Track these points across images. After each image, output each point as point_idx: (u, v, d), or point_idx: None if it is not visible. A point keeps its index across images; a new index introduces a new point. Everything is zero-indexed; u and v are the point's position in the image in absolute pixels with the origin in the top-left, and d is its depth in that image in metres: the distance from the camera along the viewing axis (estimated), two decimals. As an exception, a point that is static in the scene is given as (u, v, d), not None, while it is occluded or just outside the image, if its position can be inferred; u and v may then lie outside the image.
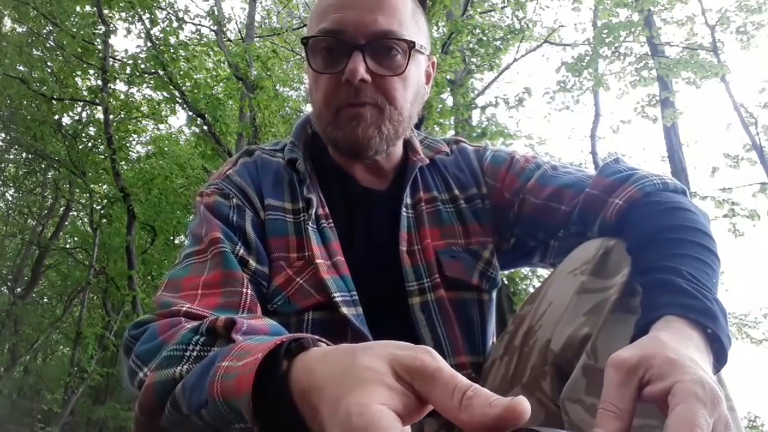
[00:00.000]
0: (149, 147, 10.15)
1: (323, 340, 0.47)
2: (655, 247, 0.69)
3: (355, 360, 0.39)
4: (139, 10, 6.50)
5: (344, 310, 0.78)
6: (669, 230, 0.71)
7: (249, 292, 0.73)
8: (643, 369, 0.49)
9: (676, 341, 0.53)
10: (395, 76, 0.82)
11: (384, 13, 0.81)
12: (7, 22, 7.93)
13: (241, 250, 0.78)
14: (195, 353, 0.54)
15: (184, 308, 0.65)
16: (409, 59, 0.82)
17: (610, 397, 0.48)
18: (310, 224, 0.84)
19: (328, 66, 0.82)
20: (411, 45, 0.82)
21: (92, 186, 9.21)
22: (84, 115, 9.25)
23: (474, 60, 7.15)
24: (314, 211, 0.85)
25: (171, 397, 0.52)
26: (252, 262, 0.78)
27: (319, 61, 0.83)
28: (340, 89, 0.81)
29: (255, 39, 8.30)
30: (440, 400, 0.36)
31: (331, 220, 0.86)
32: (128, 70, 6.83)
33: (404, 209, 0.90)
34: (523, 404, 0.34)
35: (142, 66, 6.68)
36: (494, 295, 0.93)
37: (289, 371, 0.43)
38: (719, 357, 0.58)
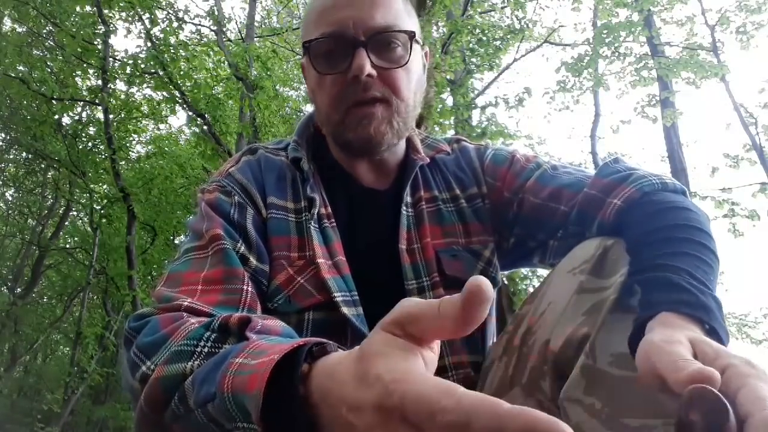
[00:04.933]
0: (149, 147, 10.16)
1: (342, 347, 0.47)
2: (653, 247, 0.69)
3: (359, 353, 0.39)
4: (139, 10, 6.51)
5: (345, 310, 0.78)
6: (667, 229, 0.71)
7: (249, 289, 0.73)
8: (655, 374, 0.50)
9: (668, 334, 0.54)
10: (399, 68, 0.83)
11: (380, 8, 0.82)
12: (7, 22, 7.94)
13: (242, 248, 0.78)
14: (206, 349, 0.54)
15: (186, 303, 0.65)
16: (410, 50, 0.84)
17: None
18: (312, 224, 0.84)
19: (332, 67, 0.82)
20: (411, 35, 0.84)
21: (92, 186, 9.20)
22: (84, 115, 9.26)
23: (474, 60, 7.14)
24: (317, 210, 0.85)
25: (179, 391, 0.52)
26: (253, 260, 0.78)
27: (322, 63, 0.83)
28: (346, 89, 0.81)
29: (255, 39, 8.31)
30: (432, 326, 0.37)
31: (333, 220, 0.86)
32: (128, 70, 6.83)
33: (404, 208, 0.90)
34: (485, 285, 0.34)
35: (142, 66, 6.67)
36: (494, 294, 0.93)
37: (309, 373, 0.43)
38: None
